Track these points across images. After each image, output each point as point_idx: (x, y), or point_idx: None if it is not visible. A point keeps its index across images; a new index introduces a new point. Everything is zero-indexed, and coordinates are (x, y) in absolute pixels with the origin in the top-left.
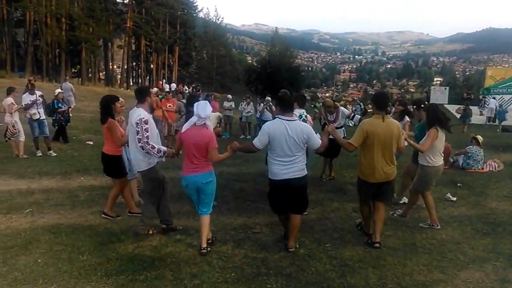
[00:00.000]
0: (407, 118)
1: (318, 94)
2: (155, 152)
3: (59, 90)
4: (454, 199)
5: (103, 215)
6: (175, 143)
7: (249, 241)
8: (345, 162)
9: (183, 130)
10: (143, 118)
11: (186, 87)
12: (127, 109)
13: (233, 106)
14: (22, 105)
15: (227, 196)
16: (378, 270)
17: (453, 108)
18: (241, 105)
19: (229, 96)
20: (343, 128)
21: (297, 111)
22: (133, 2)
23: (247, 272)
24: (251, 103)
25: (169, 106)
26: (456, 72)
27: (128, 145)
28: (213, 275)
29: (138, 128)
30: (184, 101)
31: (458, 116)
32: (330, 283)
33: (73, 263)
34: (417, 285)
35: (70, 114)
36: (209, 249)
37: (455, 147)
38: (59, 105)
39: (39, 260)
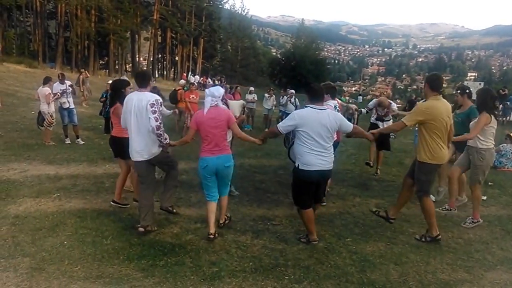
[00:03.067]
0: None
1: (344, 88)
2: (163, 139)
3: (110, 81)
4: (484, 198)
5: (112, 202)
6: (189, 130)
7: (268, 232)
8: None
9: (204, 113)
10: (159, 100)
11: (209, 80)
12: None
13: (256, 98)
14: (58, 94)
15: (248, 188)
16: (400, 266)
17: None
18: (265, 97)
19: (252, 88)
20: (391, 120)
21: (331, 102)
22: None
23: (265, 262)
24: (273, 96)
25: (192, 97)
26: (492, 67)
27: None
28: (232, 264)
29: (155, 108)
30: None
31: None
32: (349, 278)
33: (97, 246)
34: (440, 284)
35: None
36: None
37: None
38: (104, 95)
39: (65, 242)
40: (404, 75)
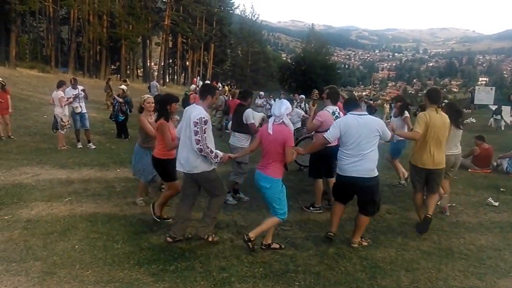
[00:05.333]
0: (406, 113)
1: (354, 92)
2: (213, 157)
3: (123, 86)
4: (496, 204)
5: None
6: (255, 139)
7: (278, 237)
8: (380, 163)
9: (270, 131)
10: (204, 117)
11: (220, 84)
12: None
13: (265, 103)
14: (71, 99)
15: (257, 193)
16: (411, 273)
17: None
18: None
19: (262, 93)
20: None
21: (330, 108)
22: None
23: (275, 268)
24: None
25: None
26: (504, 71)
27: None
28: (242, 269)
29: (197, 128)
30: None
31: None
32: (360, 284)
33: (107, 250)
34: None
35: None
36: (255, 247)
37: (499, 150)
38: (115, 101)
39: (76, 247)
40: (414, 80)
